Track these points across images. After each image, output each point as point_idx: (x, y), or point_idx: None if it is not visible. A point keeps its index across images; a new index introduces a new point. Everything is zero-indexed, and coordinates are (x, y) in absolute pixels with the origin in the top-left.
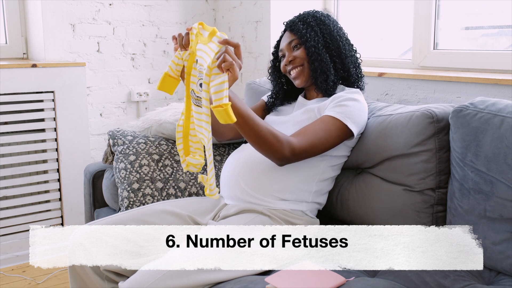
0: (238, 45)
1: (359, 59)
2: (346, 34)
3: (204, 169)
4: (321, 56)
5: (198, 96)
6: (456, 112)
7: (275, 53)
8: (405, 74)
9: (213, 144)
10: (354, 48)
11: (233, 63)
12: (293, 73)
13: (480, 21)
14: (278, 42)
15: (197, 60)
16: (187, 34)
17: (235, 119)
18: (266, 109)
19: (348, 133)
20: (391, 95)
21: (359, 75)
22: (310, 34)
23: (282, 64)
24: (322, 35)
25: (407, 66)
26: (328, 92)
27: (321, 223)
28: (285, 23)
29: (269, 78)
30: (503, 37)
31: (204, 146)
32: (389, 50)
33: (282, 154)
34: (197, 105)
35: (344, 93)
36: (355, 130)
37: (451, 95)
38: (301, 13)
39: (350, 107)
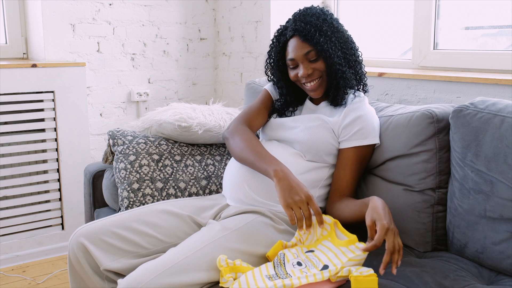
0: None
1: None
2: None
3: None
4: (345, 74)
5: (279, 272)
6: (456, 112)
7: (280, 57)
8: (405, 74)
9: (214, 144)
10: (357, 47)
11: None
12: (310, 85)
13: (480, 21)
14: (283, 46)
15: (312, 250)
16: (309, 219)
17: None
18: (271, 105)
19: (374, 144)
20: (391, 95)
21: (365, 78)
22: (331, 48)
23: (295, 73)
24: (340, 47)
25: (407, 66)
26: (338, 102)
27: None
28: (293, 29)
29: (269, 78)
30: (503, 37)
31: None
32: (389, 50)
33: None
34: (271, 276)
35: (352, 106)
36: (378, 140)
37: (451, 95)
38: (309, 15)
39: (364, 126)
